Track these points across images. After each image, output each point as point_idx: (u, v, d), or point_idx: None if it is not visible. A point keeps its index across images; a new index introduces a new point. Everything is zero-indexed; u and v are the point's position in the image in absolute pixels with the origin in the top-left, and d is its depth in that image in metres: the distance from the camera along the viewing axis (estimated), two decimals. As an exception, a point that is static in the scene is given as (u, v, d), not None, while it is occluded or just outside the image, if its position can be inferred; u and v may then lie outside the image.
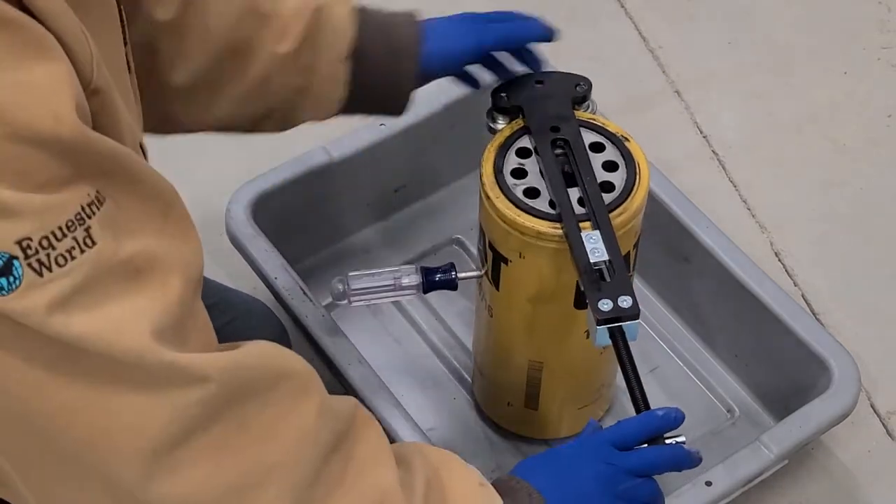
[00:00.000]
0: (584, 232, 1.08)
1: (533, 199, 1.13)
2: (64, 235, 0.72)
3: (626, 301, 1.04)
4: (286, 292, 1.34)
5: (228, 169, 1.57)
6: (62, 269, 0.72)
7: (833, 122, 1.74)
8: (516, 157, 1.16)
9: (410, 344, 1.48)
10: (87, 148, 0.73)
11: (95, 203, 0.74)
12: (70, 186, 0.73)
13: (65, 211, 0.72)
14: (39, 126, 0.70)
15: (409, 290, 1.24)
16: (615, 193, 1.13)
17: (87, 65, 0.76)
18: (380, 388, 1.26)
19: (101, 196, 0.74)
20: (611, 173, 1.14)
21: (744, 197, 1.65)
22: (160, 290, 0.78)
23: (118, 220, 0.76)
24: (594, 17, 1.86)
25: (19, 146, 0.70)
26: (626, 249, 1.14)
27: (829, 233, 1.62)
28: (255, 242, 1.38)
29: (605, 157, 1.16)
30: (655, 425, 1.02)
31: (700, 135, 1.72)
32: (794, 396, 1.33)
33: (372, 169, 1.50)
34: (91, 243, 0.73)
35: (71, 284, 0.73)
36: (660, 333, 1.49)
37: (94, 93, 0.76)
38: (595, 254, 1.07)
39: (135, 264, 0.76)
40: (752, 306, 1.36)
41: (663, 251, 1.45)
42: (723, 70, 1.80)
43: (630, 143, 1.16)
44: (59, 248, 0.72)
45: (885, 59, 1.81)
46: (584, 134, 1.17)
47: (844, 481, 1.40)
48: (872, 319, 1.53)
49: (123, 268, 0.76)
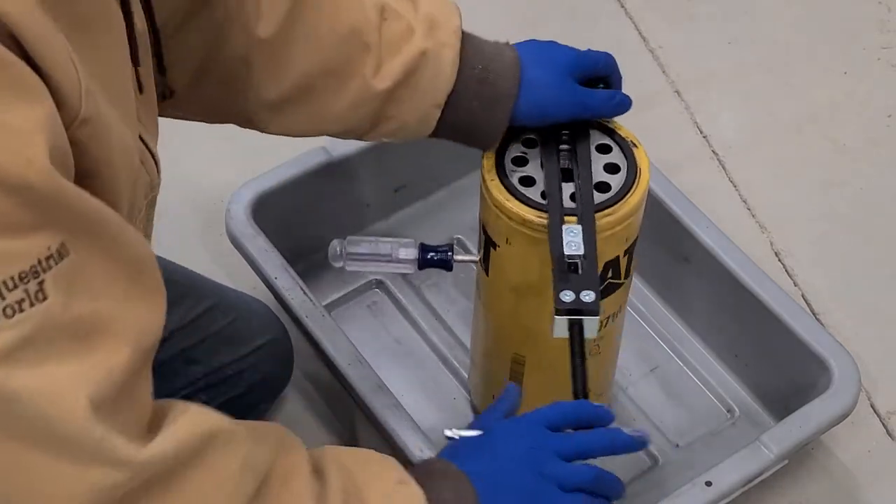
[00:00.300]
0: (566, 225, 1.09)
1: (527, 187, 1.13)
2: (16, 286, 0.70)
3: (588, 296, 1.04)
4: (286, 292, 1.34)
5: (228, 169, 1.57)
6: (9, 320, 0.71)
7: (833, 122, 1.74)
8: (522, 145, 1.16)
9: (410, 344, 1.48)
10: (58, 198, 0.72)
11: (55, 257, 0.72)
12: (31, 235, 0.71)
13: (21, 261, 0.71)
14: (8, 170, 0.69)
15: (405, 263, 1.23)
16: (609, 194, 1.13)
17: (75, 97, 0.74)
18: (380, 388, 1.26)
19: (64, 249, 0.73)
20: (611, 175, 1.14)
21: (744, 197, 1.65)
22: (108, 356, 0.76)
23: (77, 278, 0.74)
24: (594, 17, 1.86)
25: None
26: (614, 253, 1.14)
27: (829, 233, 1.62)
28: (254, 242, 1.38)
29: (609, 160, 1.15)
30: (587, 412, 1.00)
31: (700, 135, 1.72)
32: (794, 396, 1.33)
33: (372, 169, 1.50)
34: (42, 297, 0.72)
35: (16, 337, 0.71)
36: (660, 333, 1.49)
37: (83, 123, 0.75)
38: (571, 246, 1.07)
39: (86, 325, 0.75)
40: (752, 306, 1.36)
41: (663, 251, 1.45)
42: (723, 70, 1.80)
43: (638, 149, 1.16)
44: (8, 299, 0.70)
45: (885, 59, 1.81)
46: (594, 134, 1.17)
47: (844, 481, 1.40)
48: (872, 319, 1.53)
49: (73, 327, 0.74)
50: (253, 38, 1.05)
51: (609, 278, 1.17)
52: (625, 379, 1.44)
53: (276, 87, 1.08)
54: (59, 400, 0.73)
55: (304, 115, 1.11)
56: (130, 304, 0.78)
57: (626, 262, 1.18)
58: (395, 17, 1.09)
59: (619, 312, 1.24)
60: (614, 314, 1.23)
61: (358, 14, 1.08)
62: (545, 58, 1.14)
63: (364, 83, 1.08)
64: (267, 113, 1.11)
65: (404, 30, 1.09)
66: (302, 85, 1.09)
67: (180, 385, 1.28)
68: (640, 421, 1.41)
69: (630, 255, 1.18)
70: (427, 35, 1.09)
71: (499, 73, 1.11)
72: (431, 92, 1.10)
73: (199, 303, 1.30)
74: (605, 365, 1.31)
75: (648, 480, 1.37)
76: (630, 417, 1.42)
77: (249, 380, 1.32)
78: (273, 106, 1.10)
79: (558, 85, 1.13)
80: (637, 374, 1.45)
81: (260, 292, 1.42)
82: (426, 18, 1.10)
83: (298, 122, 1.12)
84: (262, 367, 1.33)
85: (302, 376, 1.44)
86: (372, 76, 1.08)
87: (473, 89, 1.11)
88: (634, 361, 1.45)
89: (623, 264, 1.17)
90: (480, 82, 1.11)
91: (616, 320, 1.24)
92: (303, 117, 1.11)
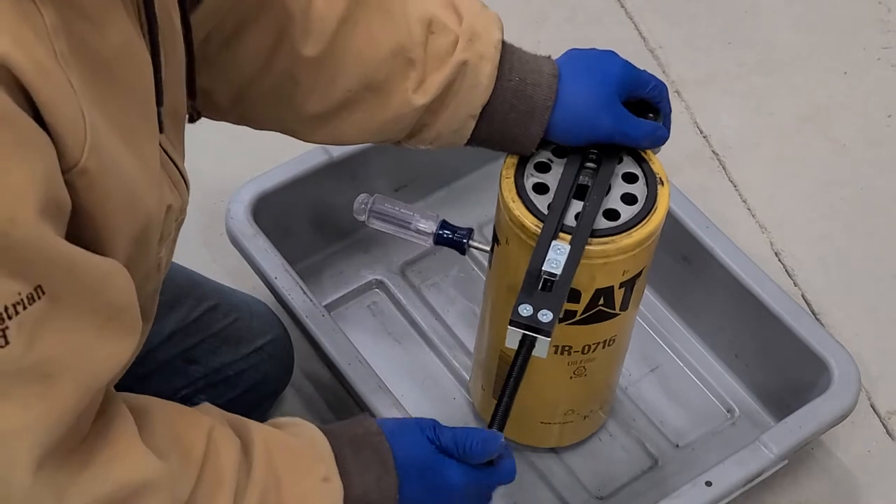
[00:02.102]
0: (556, 241, 1.08)
1: (538, 194, 1.13)
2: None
3: (545, 316, 1.03)
4: (286, 292, 1.34)
5: (228, 169, 1.57)
6: None
7: (833, 122, 1.74)
8: (551, 153, 1.16)
9: (410, 344, 1.48)
10: (37, 252, 0.73)
11: (23, 303, 0.74)
12: (3, 282, 0.72)
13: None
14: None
15: (422, 234, 1.23)
16: (615, 223, 1.11)
17: (77, 150, 0.75)
18: (379, 388, 1.26)
19: (35, 294, 0.74)
20: (626, 205, 1.13)
21: (744, 197, 1.65)
22: (58, 401, 0.77)
23: (43, 324, 0.75)
24: (594, 17, 1.86)
25: None
26: (607, 282, 1.13)
27: (829, 233, 1.62)
28: (255, 242, 1.38)
29: (630, 190, 1.13)
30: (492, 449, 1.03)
31: (700, 135, 1.72)
32: (794, 396, 1.33)
33: (372, 169, 1.50)
34: (4, 342, 0.73)
35: None
36: (660, 333, 1.49)
37: (82, 173, 0.76)
38: (551, 264, 1.06)
39: (43, 370, 0.76)
40: (752, 306, 1.36)
41: (663, 251, 1.45)
42: (723, 70, 1.80)
43: (663, 187, 1.13)
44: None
45: (885, 59, 1.81)
46: (625, 160, 1.15)
47: (844, 481, 1.40)
48: (872, 319, 1.53)
49: (29, 373, 0.76)
50: (300, 56, 1.06)
51: (600, 305, 1.16)
52: (625, 379, 1.44)
53: (320, 103, 1.09)
54: (4, 441, 0.75)
55: (346, 126, 1.12)
56: (97, 344, 0.79)
57: (623, 294, 1.16)
58: (443, 31, 1.09)
59: (612, 341, 1.22)
60: (606, 341, 1.21)
61: (403, 31, 1.08)
62: (595, 70, 1.13)
63: (405, 98, 1.09)
64: (311, 125, 1.12)
65: (449, 44, 1.09)
66: (345, 100, 1.10)
67: (180, 385, 1.28)
68: (640, 421, 1.41)
69: (630, 289, 1.16)
70: (467, 47, 1.09)
71: (536, 86, 1.11)
72: (468, 103, 1.11)
73: (199, 303, 1.30)
74: (591, 387, 1.30)
75: (648, 480, 1.37)
76: (630, 418, 1.42)
77: (250, 380, 1.32)
78: (317, 119, 1.11)
79: (601, 104, 1.12)
80: (637, 374, 1.45)
81: (260, 292, 1.42)
82: (468, 29, 1.10)
83: (342, 132, 1.13)
84: (262, 368, 1.33)
85: (302, 376, 1.44)
86: (413, 91, 1.09)
87: (509, 101, 1.11)
88: (634, 361, 1.45)
89: (618, 296, 1.16)
90: (516, 94, 1.11)
91: (609, 348, 1.23)
92: (346, 127, 1.12)
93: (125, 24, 0.82)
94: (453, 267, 1.53)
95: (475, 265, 1.53)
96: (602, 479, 1.37)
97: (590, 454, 1.39)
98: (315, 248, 1.52)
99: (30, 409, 0.76)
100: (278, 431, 0.97)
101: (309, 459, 0.96)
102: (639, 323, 1.48)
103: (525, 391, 1.25)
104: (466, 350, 1.45)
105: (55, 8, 0.74)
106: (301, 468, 0.95)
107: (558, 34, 1.83)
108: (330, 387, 1.43)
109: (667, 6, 1.88)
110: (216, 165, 1.62)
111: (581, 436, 1.38)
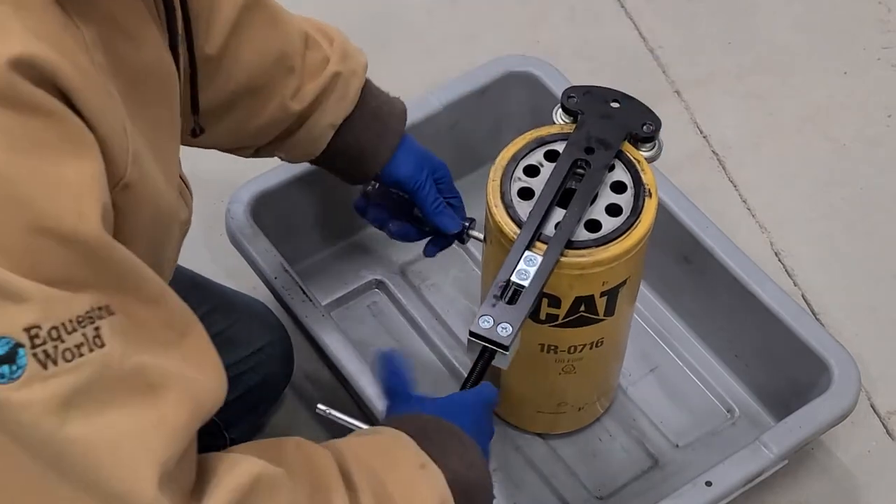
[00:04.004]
0: (529, 251, 1.08)
1: (523, 199, 1.13)
2: (74, 329, 0.70)
3: (505, 329, 1.04)
4: (286, 292, 1.34)
5: (228, 169, 1.57)
6: (69, 364, 0.69)
7: (833, 122, 1.74)
8: (543, 157, 1.16)
9: (410, 343, 1.48)
10: (107, 254, 0.72)
11: (106, 309, 0.72)
12: (82, 289, 0.71)
13: (76, 305, 0.70)
14: (63, 222, 0.69)
15: (422, 222, 1.28)
16: (595, 235, 1.11)
17: (122, 161, 0.75)
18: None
19: (111, 310, 0.72)
20: (609, 217, 1.12)
21: (744, 197, 1.65)
22: (170, 414, 0.74)
23: (129, 332, 0.73)
24: (594, 17, 1.86)
25: (40, 238, 0.69)
26: (586, 292, 1.13)
27: (829, 233, 1.62)
28: (255, 242, 1.38)
29: (616, 200, 1.13)
30: None
31: (700, 135, 1.72)
32: (794, 396, 1.33)
33: (372, 169, 1.50)
34: (101, 343, 0.71)
35: (75, 383, 0.70)
36: (660, 333, 1.49)
37: (125, 188, 0.76)
38: (521, 274, 1.06)
39: (147, 378, 0.73)
40: (752, 306, 1.36)
41: (663, 251, 1.45)
42: (723, 70, 1.80)
43: (650, 199, 1.13)
44: (67, 342, 0.69)
45: (885, 59, 1.81)
46: (616, 170, 1.15)
47: (844, 481, 1.40)
48: (872, 319, 1.53)
49: (133, 378, 0.73)
50: (200, 55, 1.08)
51: (582, 311, 1.16)
52: (625, 379, 1.44)
53: (205, 101, 1.10)
54: (118, 452, 0.72)
55: (220, 129, 1.16)
56: (188, 368, 0.77)
57: (606, 301, 1.16)
58: (316, 47, 1.19)
59: (599, 343, 1.22)
60: (594, 343, 1.22)
61: (287, 40, 1.16)
62: None
63: (283, 103, 1.17)
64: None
65: (322, 59, 1.19)
66: (226, 101, 1.14)
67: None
68: (640, 421, 1.41)
69: (613, 297, 1.16)
70: (340, 62, 1.20)
71: (390, 115, 1.24)
72: (332, 112, 1.20)
73: (200, 305, 1.28)
74: (583, 383, 1.31)
75: (649, 480, 1.37)
76: (630, 418, 1.42)
77: (250, 381, 1.32)
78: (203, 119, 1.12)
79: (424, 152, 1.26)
80: (637, 374, 1.45)
81: (260, 292, 1.42)
82: (339, 49, 1.21)
83: (212, 136, 1.16)
84: (262, 369, 1.33)
85: (302, 376, 1.44)
86: (291, 97, 1.17)
87: (367, 119, 1.22)
88: (634, 362, 1.45)
89: (601, 304, 1.15)
90: (374, 115, 1.23)
91: (598, 349, 1.23)
92: (219, 131, 1.16)
93: (157, 40, 0.84)
94: (453, 267, 1.53)
95: (475, 265, 1.53)
96: (602, 479, 1.37)
97: (590, 454, 1.39)
98: (315, 248, 1.52)
99: (141, 417, 0.72)
100: (356, 437, 0.96)
101: (398, 452, 0.94)
102: (639, 323, 1.48)
103: (518, 382, 1.26)
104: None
105: (95, 24, 0.75)
106: (394, 461, 0.93)
107: (558, 34, 1.83)
108: (330, 387, 1.42)
109: (667, 6, 1.88)
110: (216, 165, 1.61)
111: (578, 424, 1.39)
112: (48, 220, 0.69)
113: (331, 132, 1.21)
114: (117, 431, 0.72)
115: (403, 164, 1.24)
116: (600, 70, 1.77)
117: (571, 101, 1.19)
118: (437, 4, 1.86)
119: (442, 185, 1.27)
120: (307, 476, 0.86)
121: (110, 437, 0.71)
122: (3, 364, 0.68)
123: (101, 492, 0.72)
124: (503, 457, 1.38)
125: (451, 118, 1.52)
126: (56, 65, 0.70)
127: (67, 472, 0.72)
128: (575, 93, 1.19)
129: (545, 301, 1.14)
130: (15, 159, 0.69)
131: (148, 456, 0.73)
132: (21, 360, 0.68)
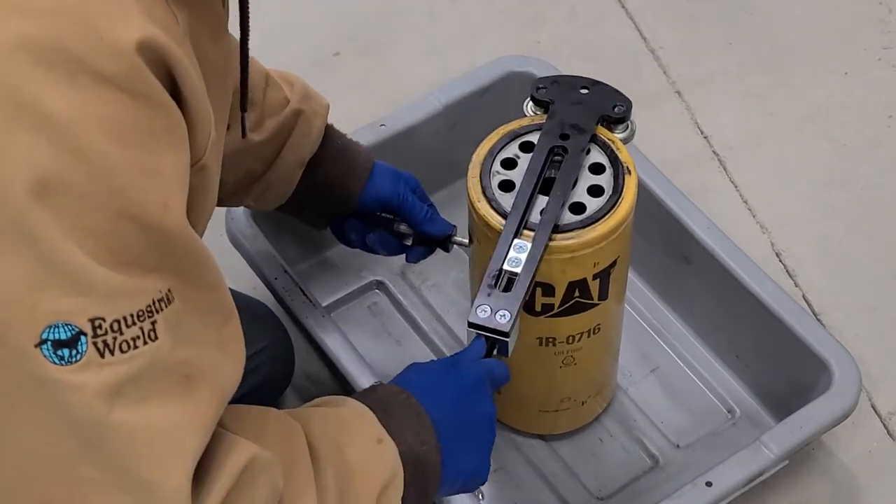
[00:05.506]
0: (518, 239, 1.08)
1: (504, 191, 1.13)
2: (133, 323, 0.73)
3: (503, 316, 1.04)
4: (286, 292, 1.34)
5: (228, 169, 1.57)
6: (124, 355, 0.73)
7: (833, 122, 1.74)
8: (518, 149, 1.16)
9: (410, 344, 1.48)
10: (182, 244, 0.75)
11: (165, 300, 0.75)
12: (150, 276, 0.74)
13: (139, 299, 0.73)
14: (150, 212, 0.73)
15: (405, 236, 1.29)
16: (580, 216, 1.12)
17: (203, 143, 0.79)
18: (380, 388, 1.26)
19: (171, 296, 0.76)
20: (592, 198, 1.13)
21: (744, 197, 1.65)
22: (203, 405, 0.78)
23: (180, 324, 0.77)
24: (594, 17, 1.86)
25: (125, 223, 0.72)
26: (579, 275, 1.14)
27: (829, 233, 1.62)
28: (255, 242, 1.38)
29: (597, 181, 1.14)
30: None
31: (700, 135, 1.72)
32: (794, 396, 1.33)
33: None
34: (154, 337, 0.74)
35: (126, 372, 0.73)
36: (660, 333, 1.49)
37: (201, 169, 0.80)
38: (512, 262, 1.07)
39: (186, 370, 0.77)
40: (752, 306, 1.36)
41: (663, 251, 1.45)
42: (723, 70, 1.80)
43: (630, 176, 1.14)
44: (126, 335, 0.73)
45: (885, 59, 1.81)
46: (593, 153, 1.16)
47: (845, 482, 1.40)
48: (873, 320, 1.53)
49: (176, 371, 0.76)
50: None
51: (577, 297, 1.16)
52: (625, 379, 1.44)
53: None
54: (155, 442, 0.75)
55: None
56: (219, 354, 0.81)
57: (599, 284, 1.16)
58: (277, 88, 1.22)
59: (597, 329, 1.23)
60: (591, 330, 1.22)
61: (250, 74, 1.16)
62: None
63: (239, 134, 1.15)
64: None
65: (282, 99, 1.22)
66: None
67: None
68: (640, 421, 1.41)
69: (605, 279, 1.16)
70: (302, 101, 1.23)
71: (357, 151, 1.28)
72: (298, 150, 1.23)
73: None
74: (584, 374, 1.30)
75: (649, 480, 1.37)
76: (631, 418, 1.42)
77: (250, 382, 1.31)
78: None
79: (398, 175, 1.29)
80: (637, 374, 1.45)
81: (260, 293, 1.42)
82: (301, 91, 1.24)
83: None
84: (262, 370, 1.33)
85: (302, 376, 1.44)
86: (251, 129, 1.19)
87: (335, 156, 1.26)
88: (635, 362, 1.45)
89: (594, 287, 1.16)
90: (342, 151, 1.26)
91: (595, 336, 1.23)
92: None
93: (230, 40, 0.89)
94: (453, 268, 1.53)
95: (475, 265, 1.53)
96: (602, 480, 1.37)
97: (590, 454, 1.39)
98: (315, 248, 1.52)
99: (178, 409, 0.76)
100: (323, 409, 0.99)
101: (358, 425, 0.97)
102: (639, 323, 1.48)
103: (519, 380, 1.26)
104: (467, 350, 1.45)
105: (186, 15, 0.78)
106: (354, 434, 0.96)
107: (558, 34, 1.83)
108: (330, 387, 1.42)
109: (667, 6, 1.88)
110: (216, 166, 1.62)
111: (579, 422, 1.39)
112: (136, 207, 0.72)
113: (300, 170, 1.24)
114: (156, 422, 0.75)
115: (382, 184, 1.27)
116: (601, 70, 1.76)
117: (541, 91, 1.20)
118: (438, 5, 1.86)
119: (418, 196, 1.29)
120: (284, 451, 0.89)
121: (150, 425, 0.75)
122: (64, 347, 0.71)
123: (130, 478, 0.75)
124: (503, 457, 1.38)
125: (451, 118, 1.52)
126: (170, 49, 0.73)
127: (103, 455, 0.74)
128: (543, 83, 1.20)
129: (540, 291, 1.14)
130: (120, 152, 0.71)
131: (182, 447, 0.76)
132: (82, 346, 0.72)
